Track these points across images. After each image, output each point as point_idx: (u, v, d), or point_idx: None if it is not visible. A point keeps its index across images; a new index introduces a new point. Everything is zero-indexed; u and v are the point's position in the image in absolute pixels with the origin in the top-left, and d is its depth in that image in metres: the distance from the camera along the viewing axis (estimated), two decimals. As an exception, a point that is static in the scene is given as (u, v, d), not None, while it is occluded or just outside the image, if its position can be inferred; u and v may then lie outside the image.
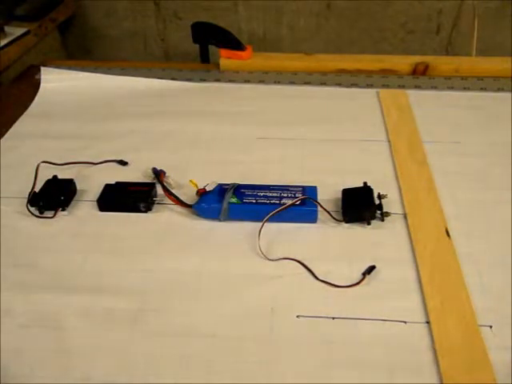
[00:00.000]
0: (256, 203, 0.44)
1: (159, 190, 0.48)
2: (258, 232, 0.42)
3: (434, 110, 0.61)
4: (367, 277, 0.39)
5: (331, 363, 0.34)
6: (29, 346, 0.35)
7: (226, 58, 0.71)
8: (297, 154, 0.54)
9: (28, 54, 0.75)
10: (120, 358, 0.34)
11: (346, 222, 0.44)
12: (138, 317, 0.37)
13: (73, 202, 0.47)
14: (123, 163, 0.52)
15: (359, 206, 0.44)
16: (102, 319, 0.37)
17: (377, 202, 0.45)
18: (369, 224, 0.44)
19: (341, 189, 0.46)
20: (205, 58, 0.75)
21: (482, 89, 0.65)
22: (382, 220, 0.44)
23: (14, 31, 0.73)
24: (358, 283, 0.39)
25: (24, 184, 0.48)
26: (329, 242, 0.43)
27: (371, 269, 0.40)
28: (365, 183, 0.46)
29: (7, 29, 0.73)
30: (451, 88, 0.66)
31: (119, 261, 0.41)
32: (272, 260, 0.41)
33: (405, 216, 0.45)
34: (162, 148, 0.55)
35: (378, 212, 0.44)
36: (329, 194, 0.47)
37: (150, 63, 0.78)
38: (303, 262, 0.41)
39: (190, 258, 0.41)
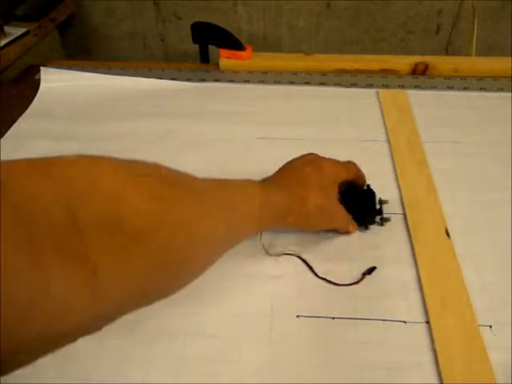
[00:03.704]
0: (256, 203, 0.44)
1: (159, 190, 0.47)
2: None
3: (433, 110, 0.61)
4: (367, 277, 0.39)
5: (331, 363, 0.34)
6: (29, 346, 0.35)
7: (226, 58, 0.71)
8: (297, 154, 0.53)
9: (28, 54, 0.75)
10: (120, 358, 0.34)
11: None
12: (139, 317, 0.37)
13: (73, 202, 0.47)
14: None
15: (359, 210, 0.43)
16: (102, 319, 0.37)
17: (378, 206, 0.44)
18: (367, 228, 0.44)
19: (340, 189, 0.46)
20: (205, 58, 0.75)
21: (482, 89, 0.65)
22: (382, 225, 0.44)
23: (14, 31, 0.73)
24: (357, 282, 0.39)
25: (24, 184, 0.48)
26: (328, 241, 0.43)
27: (371, 269, 0.40)
28: (368, 185, 0.45)
29: (7, 29, 0.73)
30: (451, 88, 0.66)
31: (119, 261, 0.41)
32: (272, 255, 0.41)
33: (404, 216, 0.45)
34: (162, 148, 0.55)
35: (378, 217, 0.44)
36: (329, 193, 0.47)
37: (150, 63, 0.78)
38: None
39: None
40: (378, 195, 0.45)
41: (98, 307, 0.22)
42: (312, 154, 0.42)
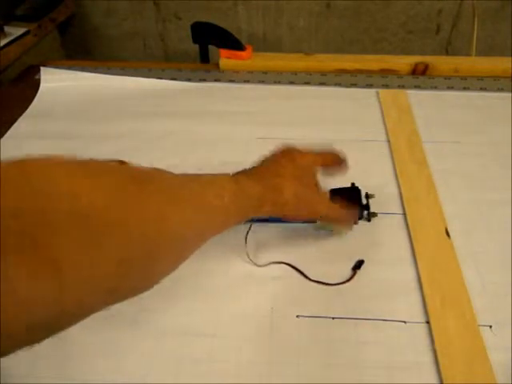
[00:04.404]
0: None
1: (159, 190, 0.47)
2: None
3: (433, 110, 0.61)
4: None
5: (331, 363, 0.34)
6: (29, 346, 0.35)
7: (226, 58, 0.71)
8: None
9: (28, 54, 0.75)
10: (120, 358, 0.34)
11: None
12: (138, 317, 0.37)
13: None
14: (123, 163, 0.52)
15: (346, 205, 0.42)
16: (103, 319, 0.37)
17: (364, 201, 0.44)
18: (355, 223, 0.43)
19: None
20: (205, 58, 0.75)
21: (482, 89, 0.65)
22: (369, 220, 0.44)
23: (14, 31, 0.73)
24: (349, 279, 0.39)
25: (24, 184, 0.48)
26: (327, 242, 0.43)
27: (360, 263, 0.40)
28: (352, 184, 0.45)
29: (7, 29, 0.73)
30: (451, 88, 0.66)
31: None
32: (260, 266, 0.40)
33: (404, 216, 0.45)
34: (162, 148, 0.55)
35: (365, 212, 0.44)
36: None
37: (150, 63, 0.78)
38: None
39: (190, 258, 0.41)
40: (365, 190, 0.45)
41: (61, 303, 0.22)
42: (287, 146, 0.42)
